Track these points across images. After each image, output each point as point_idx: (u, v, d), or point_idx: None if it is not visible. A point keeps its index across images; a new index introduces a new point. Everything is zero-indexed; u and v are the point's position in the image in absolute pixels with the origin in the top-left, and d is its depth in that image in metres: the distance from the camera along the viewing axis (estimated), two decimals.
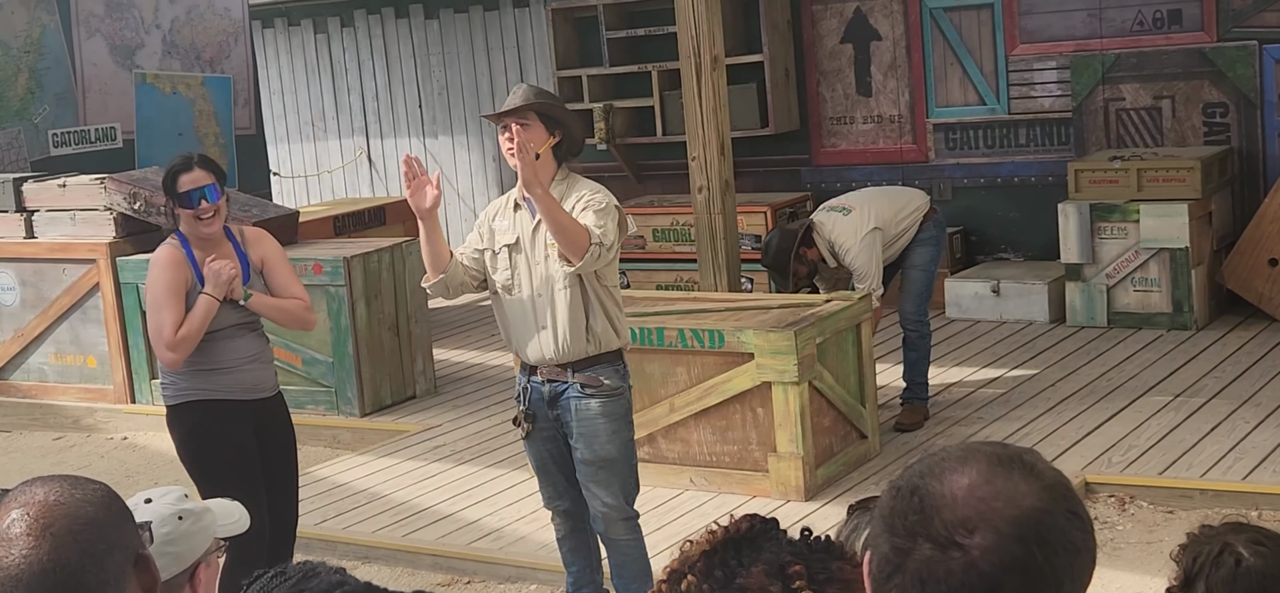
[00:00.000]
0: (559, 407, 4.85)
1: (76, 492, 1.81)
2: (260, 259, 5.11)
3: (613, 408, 4.83)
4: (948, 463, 1.47)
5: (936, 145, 10.09)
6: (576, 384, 4.80)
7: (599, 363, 4.81)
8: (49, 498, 1.79)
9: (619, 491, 4.90)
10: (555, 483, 5.03)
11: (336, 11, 13.59)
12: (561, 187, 4.80)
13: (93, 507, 1.80)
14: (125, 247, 8.52)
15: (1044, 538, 1.42)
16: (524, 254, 4.84)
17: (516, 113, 4.76)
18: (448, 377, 8.99)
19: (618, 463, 4.87)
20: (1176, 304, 8.63)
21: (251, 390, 5.03)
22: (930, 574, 1.42)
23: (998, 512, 1.42)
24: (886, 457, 6.78)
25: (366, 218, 10.68)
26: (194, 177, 4.93)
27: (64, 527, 1.76)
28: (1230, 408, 7.07)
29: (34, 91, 10.04)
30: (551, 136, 4.78)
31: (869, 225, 6.91)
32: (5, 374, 9.19)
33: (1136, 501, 6.21)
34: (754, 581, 1.75)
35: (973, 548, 1.41)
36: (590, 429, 4.82)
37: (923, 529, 1.43)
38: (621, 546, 4.99)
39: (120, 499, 1.87)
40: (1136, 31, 9.29)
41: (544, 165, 4.76)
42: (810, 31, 10.40)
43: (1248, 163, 9.10)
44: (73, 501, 1.80)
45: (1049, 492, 1.45)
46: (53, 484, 1.83)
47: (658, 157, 10.91)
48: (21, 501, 1.80)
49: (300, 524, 5.47)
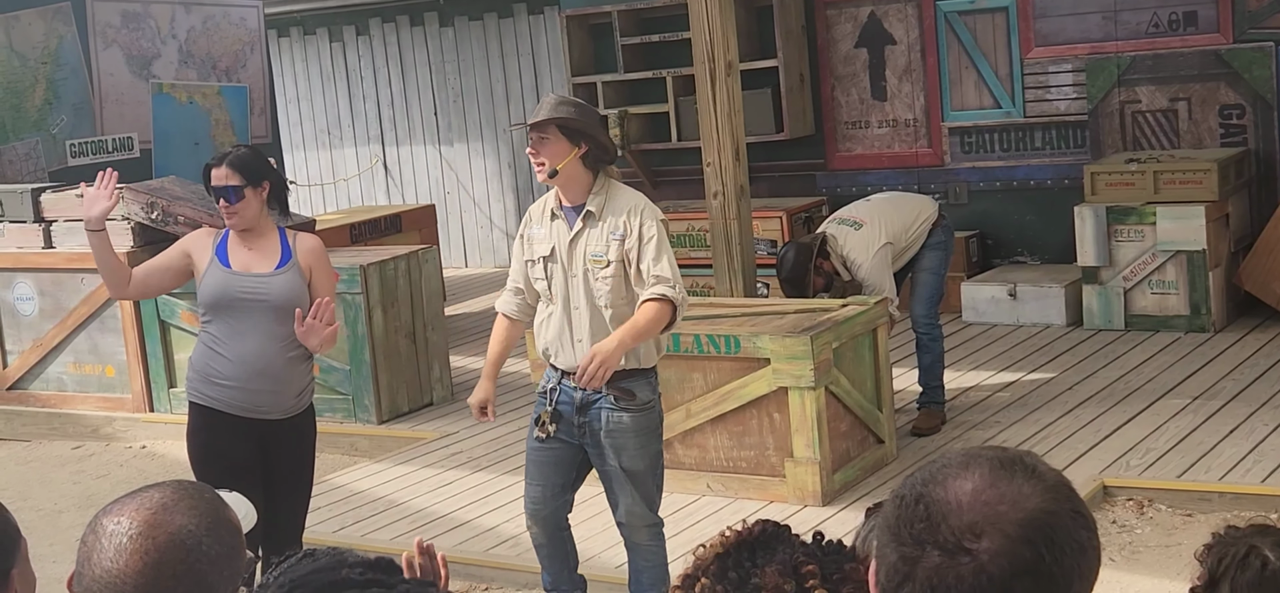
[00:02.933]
0: (589, 415, 4.83)
1: (199, 525, 1.88)
2: (308, 264, 5.10)
3: (644, 422, 4.82)
4: (950, 470, 1.48)
5: (952, 149, 10.08)
6: (610, 396, 4.77)
7: (633, 377, 4.79)
8: (172, 524, 1.86)
9: (643, 499, 4.91)
10: (551, 486, 4.95)
11: (351, 20, 13.63)
12: (600, 197, 4.75)
13: (209, 539, 1.87)
14: (143, 256, 8.51)
15: (1052, 538, 1.42)
16: (560, 264, 4.81)
17: (539, 126, 4.70)
18: (464, 384, 8.99)
19: (644, 474, 4.88)
20: (1194, 307, 8.61)
21: (252, 410, 5.00)
22: (940, 581, 1.42)
23: (1004, 515, 1.43)
24: (904, 462, 6.77)
25: (383, 225, 10.71)
26: (220, 175, 5.02)
27: (174, 562, 1.83)
28: (1249, 410, 7.05)
29: (51, 102, 10.09)
30: (575, 149, 4.69)
31: (880, 241, 6.95)
32: (24, 384, 9.23)
33: (1155, 504, 6.19)
34: (768, 580, 1.76)
35: (981, 553, 1.41)
36: (620, 442, 4.81)
37: (930, 537, 1.44)
38: (643, 550, 5.01)
39: (240, 537, 1.93)
40: (1152, 33, 9.28)
41: (576, 177, 4.73)
42: (824, 36, 10.39)
43: (1264, 164, 9.07)
44: (189, 534, 1.86)
45: (1052, 492, 1.46)
46: (182, 510, 1.88)
47: (673, 163, 10.92)
48: (143, 511, 1.87)
49: (317, 532, 5.49)
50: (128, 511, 1.88)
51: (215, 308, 5.01)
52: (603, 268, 4.74)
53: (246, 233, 5.06)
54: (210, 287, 5.00)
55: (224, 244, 5.08)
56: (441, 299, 8.84)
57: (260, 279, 4.99)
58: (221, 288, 4.98)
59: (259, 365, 4.97)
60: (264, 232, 5.07)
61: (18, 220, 8.96)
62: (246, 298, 4.98)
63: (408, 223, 10.85)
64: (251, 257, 5.03)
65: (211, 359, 5.00)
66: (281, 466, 5.09)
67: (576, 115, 4.71)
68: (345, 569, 2.02)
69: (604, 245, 4.74)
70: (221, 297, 4.98)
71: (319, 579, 1.96)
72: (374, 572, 2.00)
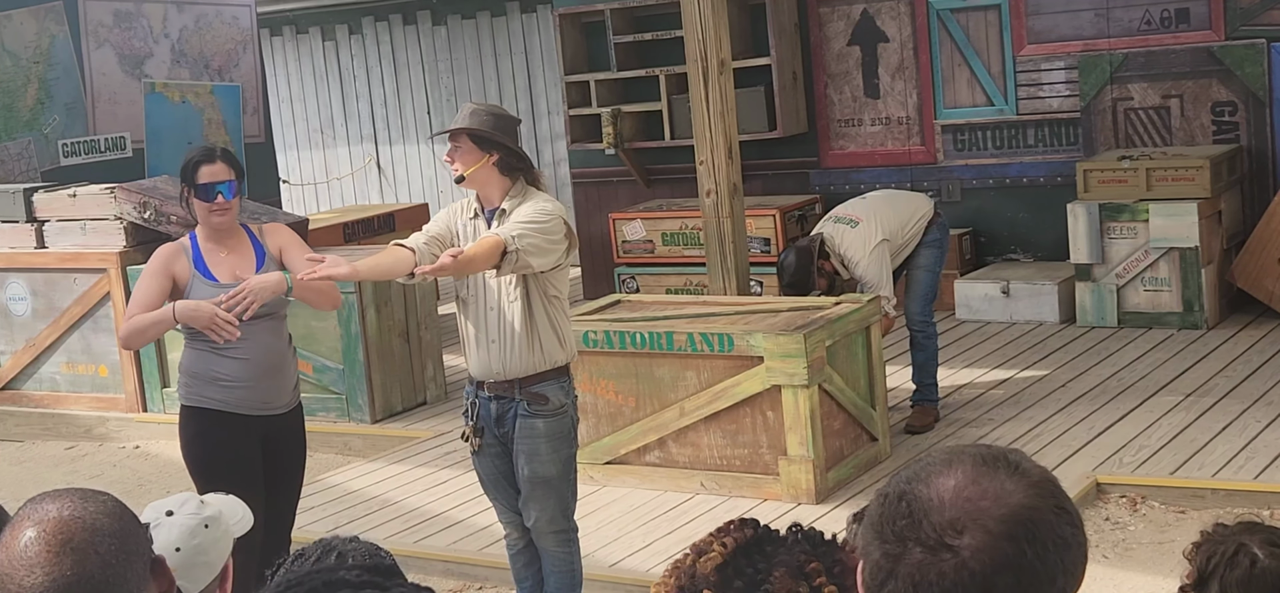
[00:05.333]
0: (505, 425, 4.87)
1: (89, 505, 1.80)
2: (278, 248, 5.12)
3: (556, 427, 4.84)
4: (934, 467, 1.48)
5: (945, 147, 10.08)
6: (522, 401, 4.82)
7: (545, 379, 4.83)
8: (63, 514, 1.78)
9: (554, 505, 4.92)
10: (506, 499, 5.01)
11: (344, 19, 13.62)
12: (515, 201, 4.84)
13: (107, 518, 1.80)
14: (136, 256, 8.54)
15: (1033, 534, 1.42)
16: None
17: (453, 134, 4.85)
18: (458, 383, 8.99)
19: (556, 482, 4.89)
20: (1187, 303, 8.62)
21: (260, 407, 5.02)
22: (923, 578, 1.42)
23: (986, 511, 1.42)
24: (897, 459, 6.77)
25: (376, 224, 10.70)
26: (215, 170, 4.99)
27: (84, 541, 1.76)
28: (1241, 407, 7.06)
29: (44, 102, 10.08)
30: (486, 156, 4.80)
31: (877, 238, 6.96)
32: (17, 384, 9.22)
33: (1148, 501, 6.20)
34: (781, 586, 1.75)
35: (963, 549, 1.41)
36: (532, 448, 4.83)
37: (912, 534, 1.44)
38: (552, 556, 5.01)
39: (128, 508, 1.87)
40: (1144, 31, 9.29)
41: (489, 181, 4.82)
42: (817, 34, 10.40)
43: (1257, 161, 9.08)
44: (87, 514, 1.79)
45: (1036, 489, 1.45)
46: (63, 500, 1.82)
47: (666, 161, 10.92)
48: (35, 519, 1.79)
49: (311, 532, 5.48)
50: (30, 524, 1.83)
51: None
52: None
53: (224, 236, 5.03)
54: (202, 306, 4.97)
55: (200, 256, 5.02)
56: (435, 298, 8.84)
57: (269, 324, 5.01)
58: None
59: (268, 362, 5.01)
60: (235, 231, 5.08)
61: (10, 220, 8.95)
62: (258, 334, 4.98)
63: (401, 222, 10.84)
64: (233, 261, 5.02)
65: (215, 363, 4.96)
66: (280, 461, 5.12)
67: (486, 126, 4.83)
68: (342, 570, 2.02)
69: None
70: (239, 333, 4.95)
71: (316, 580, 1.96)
72: (370, 574, 2.00)
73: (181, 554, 2.70)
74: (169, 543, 2.69)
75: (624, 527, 6.30)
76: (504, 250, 4.64)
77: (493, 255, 4.64)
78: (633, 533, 6.19)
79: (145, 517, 2.68)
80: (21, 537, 1.77)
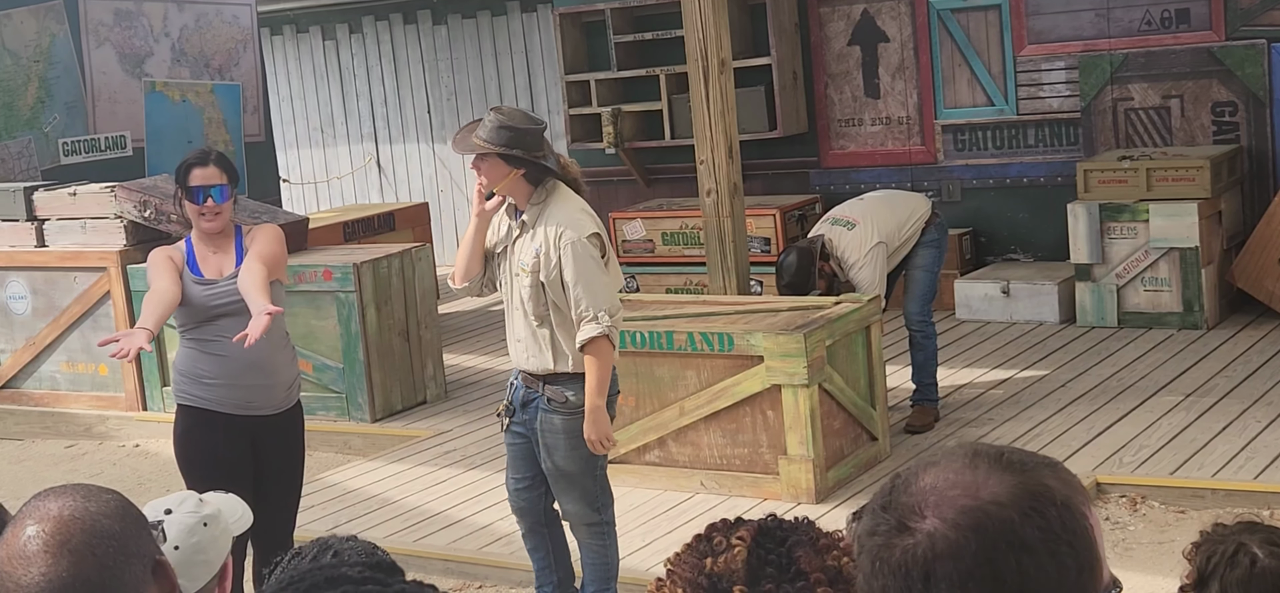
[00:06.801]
0: (528, 412, 5.01)
1: (91, 504, 1.79)
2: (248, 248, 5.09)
3: (573, 426, 4.91)
4: (942, 457, 1.48)
5: (945, 147, 10.08)
6: (545, 397, 4.95)
7: (565, 381, 4.91)
8: (63, 512, 1.77)
9: (581, 499, 5.04)
10: (522, 476, 5.15)
11: (345, 18, 13.61)
12: (537, 208, 4.87)
13: (108, 518, 1.78)
14: (136, 255, 8.53)
15: (982, 527, 1.39)
16: (506, 264, 4.98)
17: (479, 154, 4.85)
18: (458, 382, 9.00)
19: (578, 477, 5.00)
20: (1187, 304, 8.62)
21: (244, 406, 5.01)
22: (878, 555, 1.44)
23: (951, 501, 1.41)
24: (897, 459, 6.78)
25: (376, 224, 10.70)
26: (206, 173, 5.00)
27: (82, 541, 1.74)
28: (1241, 407, 7.06)
29: (44, 101, 10.08)
30: (512, 171, 4.83)
31: (873, 240, 6.96)
32: (17, 383, 9.22)
33: (1148, 501, 6.20)
34: (810, 564, 1.74)
35: (919, 532, 1.41)
36: (551, 443, 4.96)
37: (884, 513, 1.45)
38: (584, 547, 5.16)
39: (134, 507, 1.86)
40: (1144, 31, 9.28)
41: (517, 188, 4.86)
42: (818, 34, 10.40)
43: (1257, 161, 9.08)
44: (88, 513, 1.77)
45: (1015, 489, 1.41)
46: (66, 497, 1.80)
47: (666, 160, 10.92)
48: (36, 516, 1.77)
49: (310, 531, 5.47)
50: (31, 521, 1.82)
51: (201, 321, 5.00)
52: (525, 274, 4.89)
53: (216, 236, 5.03)
54: (193, 303, 4.99)
55: (192, 255, 5.04)
56: (435, 297, 8.83)
57: (231, 282, 4.99)
58: (202, 301, 4.98)
59: (248, 359, 4.94)
60: (228, 232, 5.08)
61: (10, 219, 8.95)
62: (226, 303, 4.97)
63: (401, 221, 10.85)
64: (219, 260, 5.04)
65: (198, 360, 5.00)
66: (273, 463, 5.10)
67: (506, 143, 4.82)
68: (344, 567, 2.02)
69: (530, 255, 4.87)
70: (203, 310, 4.98)
71: (317, 576, 1.96)
72: (371, 570, 2.00)
73: (180, 553, 2.70)
74: (168, 542, 2.70)
75: (624, 526, 6.27)
76: (608, 338, 4.78)
77: (606, 358, 4.80)
78: (632, 532, 6.19)
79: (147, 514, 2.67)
80: (22, 533, 1.76)
